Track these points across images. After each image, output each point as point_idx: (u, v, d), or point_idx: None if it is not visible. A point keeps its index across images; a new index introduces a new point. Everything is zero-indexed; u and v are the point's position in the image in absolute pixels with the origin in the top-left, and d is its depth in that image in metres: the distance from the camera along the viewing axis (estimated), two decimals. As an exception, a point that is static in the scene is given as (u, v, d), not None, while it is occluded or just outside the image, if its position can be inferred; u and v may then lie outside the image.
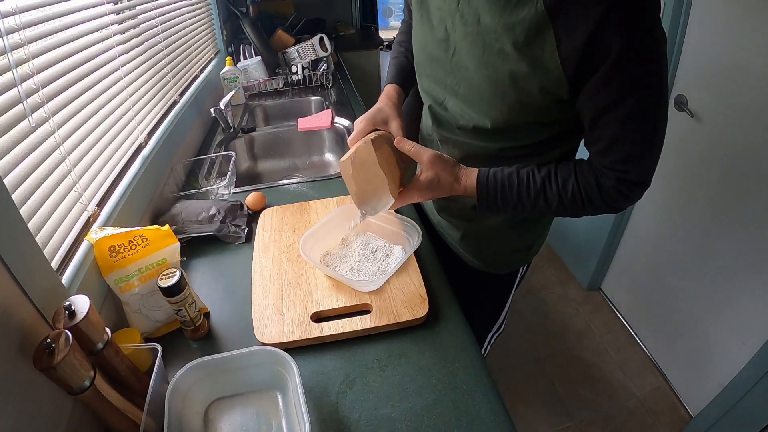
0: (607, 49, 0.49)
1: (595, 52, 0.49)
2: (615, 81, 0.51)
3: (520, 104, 0.59)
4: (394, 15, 5.83)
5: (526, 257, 0.90)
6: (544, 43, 0.52)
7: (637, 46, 0.49)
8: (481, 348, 1.08)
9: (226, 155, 1.24)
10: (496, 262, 0.89)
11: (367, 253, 0.84)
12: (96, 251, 0.67)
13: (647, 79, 0.52)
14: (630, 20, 0.48)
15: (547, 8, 0.50)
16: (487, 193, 0.66)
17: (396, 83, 0.84)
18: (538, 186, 0.63)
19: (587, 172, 0.62)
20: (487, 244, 0.86)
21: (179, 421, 0.56)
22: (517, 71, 0.56)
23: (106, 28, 0.91)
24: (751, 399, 1.16)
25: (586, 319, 1.86)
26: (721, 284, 1.32)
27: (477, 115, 0.66)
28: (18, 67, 0.61)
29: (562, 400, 1.56)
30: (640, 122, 0.54)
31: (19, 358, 0.48)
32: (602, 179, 0.60)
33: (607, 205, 0.63)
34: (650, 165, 0.59)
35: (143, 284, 0.70)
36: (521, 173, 0.65)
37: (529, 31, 0.53)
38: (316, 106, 1.78)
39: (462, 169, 0.69)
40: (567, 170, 0.63)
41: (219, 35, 1.88)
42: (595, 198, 0.62)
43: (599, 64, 0.50)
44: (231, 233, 0.94)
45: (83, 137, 0.77)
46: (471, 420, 0.59)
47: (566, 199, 0.63)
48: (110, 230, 0.69)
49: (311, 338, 0.69)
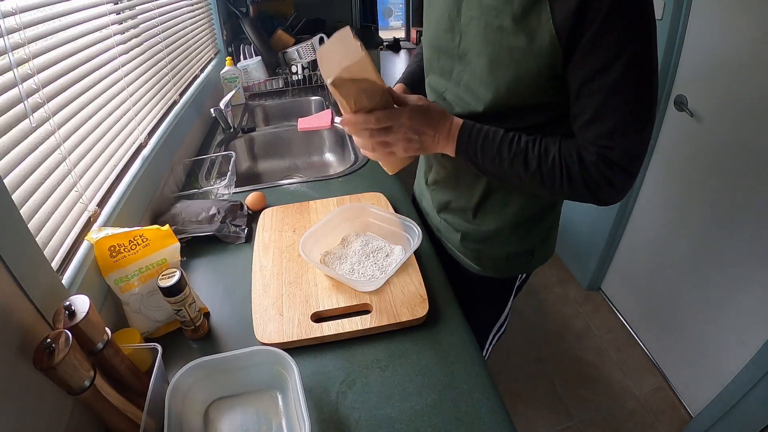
0: (597, 9, 0.49)
1: (587, 14, 0.50)
2: (603, 42, 0.51)
3: (516, 82, 0.60)
4: (394, 15, 5.85)
5: (527, 264, 0.88)
6: (540, 14, 0.53)
7: (625, 4, 0.49)
8: (482, 349, 1.06)
9: (226, 155, 1.24)
10: (495, 266, 0.87)
11: (367, 253, 0.84)
12: (96, 251, 0.67)
13: (636, 44, 0.51)
14: None
15: None
16: (469, 137, 0.65)
17: (404, 83, 0.89)
18: (522, 145, 0.63)
19: (571, 146, 0.61)
20: (486, 247, 0.85)
21: (179, 421, 0.56)
22: (516, 45, 0.57)
23: (106, 28, 0.91)
24: (751, 399, 1.16)
25: (586, 319, 1.86)
26: (721, 284, 1.32)
27: (472, 100, 0.67)
28: (18, 67, 0.61)
29: (562, 400, 1.56)
30: (628, 93, 0.54)
31: (19, 358, 0.48)
32: (584, 153, 0.59)
33: (588, 188, 0.61)
34: (636, 147, 0.58)
35: (143, 284, 0.70)
36: (508, 132, 0.65)
37: (527, 4, 0.54)
38: (316, 106, 1.78)
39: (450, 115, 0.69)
40: (552, 140, 0.63)
41: (219, 35, 1.88)
42: (575, 174, 0.60)
43: (589, 25, 0.51)
44: (231, 233, 0.94)
45: (83, 137, 0.77)
46: (471, 420, 0.59)
47: (545, 166, 0.61)
48: (110, 230, 0.69)
49: (311, 338, 0.69)
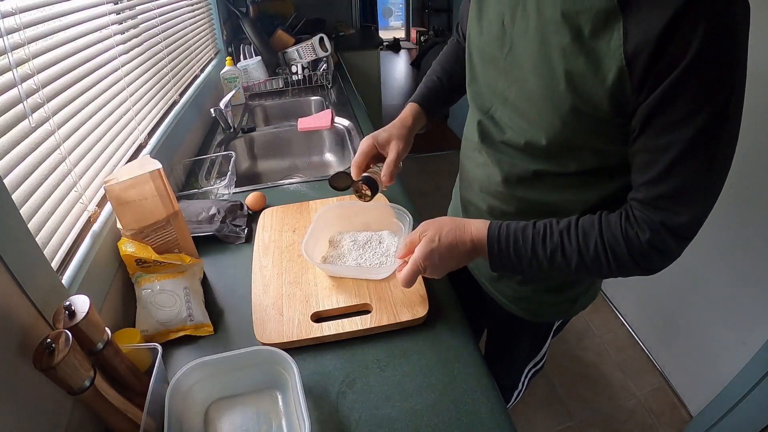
0: (682, 50, 0.41)
1: (668, 51, 0.42)
2: (689, 87, 0.43)
3: (575, 114, 0.51)
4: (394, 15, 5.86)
5: (568, 311, 0.79)
6: (610, 38, 0.45)
7: (717, 50, 0.41)
8: (516, 386, 1.01)
9: (226, 155, 1.24)
10: (531, 309, 0.79)
11: (361, 245, 0.84)
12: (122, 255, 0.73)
13: (727, 92, 0.43)
14: (714, 16, 0.40)
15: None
16: (499, 246, 0.57)
17: (418, 102, 0.79)
18: (555, 240, 0.55)
19: (614, 226, 0.53)
20: (525, 289, 0.76)
21: (179, 421, 0.56)
22: (574, 70, 0.48)
23: (106, 28, 0.91)
24: (751, 399, 1.16)
25: (586, 319, 1.86)
26: (721, 284, 1.32)
27: (529, 126, 0.57)
28: (18, 67, 0.61)
29: (562, 400, 1.56)
30: (707, 150, 0.45)
31: (19, 358, 0.48)
32: (633, 232, 0.51)
33: (638, 266, 0.53)
34: (703, 214, 0.49)
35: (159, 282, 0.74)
36: (537, 225, 0.57)
37: (596, 22, 0.45)
38: (316, 106, 1.78)
39: (466, 221, 0.61)
40: (590, 223, 0.54)
41: (219, 35, 1.88)
42: (622, 256, 0.52)
43: (670, 68, 0.42)
44: (231, 233, 0.94)
45: (83, 137, 0.77)
46: (471, 420, 0.59)
47: (588, 256, 0.54)
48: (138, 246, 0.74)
49: (311, 338, 0.69)
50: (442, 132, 3.51)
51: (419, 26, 5.45)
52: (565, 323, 0.87)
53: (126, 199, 0.73)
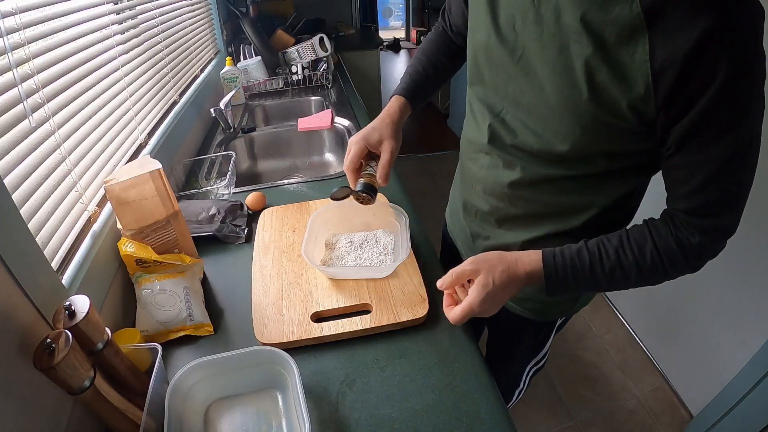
0: (712, 72, 0.42)
1: (697, 73, 0.42)
2: (722, 111, 0.44)
3: (596, 123, 0.51)
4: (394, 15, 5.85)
5: (571, 308, 0.80)
6: (633, 51, 0.45)
7: (747, 69, 0.42)
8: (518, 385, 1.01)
9: (226, 155, 1.24)
10: (535, 308, 0.79)
11: (358, 245, 0.84)
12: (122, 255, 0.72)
13: (757, 107, 0.45)
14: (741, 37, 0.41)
15: (643, 10, 0.43)
16: (556, 274, 0.57)
17: (404, 96, 0.77)
18: (612, 258, 0.56)
19: (664, 234, 0.54)
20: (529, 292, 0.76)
21: (179, 421, 0.56)
22: (598, 80, 0.48)
23: (107, 28, 0.91)
24: (751, 399, 1.16)
25: (586, 319, 1.86)
26: (721, 284, 1.32)
27: (545, 131, 0.57)
28: (18, 67, 0.61)
29: (562, 400, 1.56)
30: (743, 155, 0.47)
31: (19, 358, 0.48)
32: (683, 236, 0.53)
33: (691, 266, 0.55)
34: (741, 212, 0.53)
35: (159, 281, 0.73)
36: (590, 246, 0.57)
37: (621, 34, 0.45)
38: (316, 106, 1.78)
39: (515, 256, 0.59)
40: (641, 234, 0.56)
41: (219, 35, 1.88)
42: (678, 260, 0.54)
43: (702, 88, 0.43)
44: (231, 233, 0.94)
45: (83, 137, 0.77)
46: (471, 420, 0.59)
47: (645, 267, 0.55)
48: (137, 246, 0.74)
49: (311, 338, 0.69)
50: (442, 132, 3.51)
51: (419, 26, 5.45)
52: (566, 320, 0.88)
53: (126, 199, 0.73)
